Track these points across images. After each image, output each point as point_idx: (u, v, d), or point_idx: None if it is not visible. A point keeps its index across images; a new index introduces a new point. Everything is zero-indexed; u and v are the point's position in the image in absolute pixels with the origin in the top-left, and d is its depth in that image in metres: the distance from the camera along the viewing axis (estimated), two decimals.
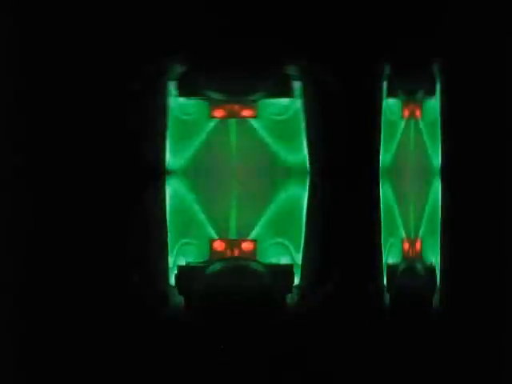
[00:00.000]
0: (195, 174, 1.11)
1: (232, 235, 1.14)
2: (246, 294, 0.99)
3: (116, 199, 0.92)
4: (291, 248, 1.14)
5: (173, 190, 1.11)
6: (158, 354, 0.98)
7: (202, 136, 1.09)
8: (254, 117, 1.09)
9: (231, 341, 0.98)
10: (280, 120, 1.09)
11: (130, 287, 0.95)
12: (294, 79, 1.06)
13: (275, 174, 1.11)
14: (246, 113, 1.09)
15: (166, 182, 1.09)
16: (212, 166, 1.09)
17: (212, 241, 1.13)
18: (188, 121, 1.09)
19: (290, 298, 1.08)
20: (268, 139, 1.09)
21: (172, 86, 1.06)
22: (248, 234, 1.14)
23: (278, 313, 1.02)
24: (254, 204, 1.13)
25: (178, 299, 1.07)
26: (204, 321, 1.01)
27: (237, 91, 1.06)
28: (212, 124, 1.09)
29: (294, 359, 0.99)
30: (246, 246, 1.13)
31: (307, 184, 1.09)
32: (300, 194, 1.11)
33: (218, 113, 1.09)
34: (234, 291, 1.00)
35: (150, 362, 0.98)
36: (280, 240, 1.15)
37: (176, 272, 1.06)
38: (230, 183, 1.11)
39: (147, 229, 1.07)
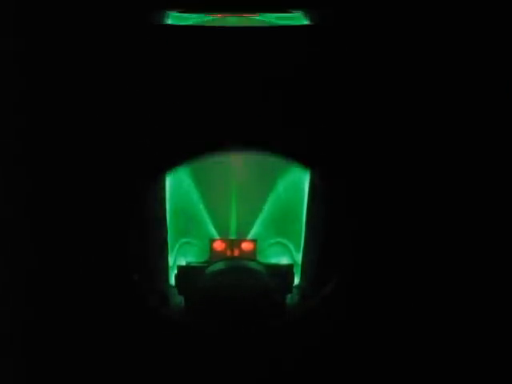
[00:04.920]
0: (195, 173, 1.11)
1: (232, 235, 1.14)
2: (246, 294, 0.99)
3: (116, 198, 0.92)
4: (291, 248, 1.15)
5: (173, 189, 1.11)
6: (157, 353, 0.98)
7: None
8: None
9: (231, 341, 0.98)
10: None
11: (130, 287, 0.95)
12: None
13: (275, 173, 1.11)
14: None
15: (166, 182, 1.09)
16: (212, 165, 1.09)
17: (212, 241, 1.14)
18: None
19: (290, 298, 1.08)
20: None
21: None
22: (248, 234, 1.14)
23: (277, 313, 1.02)
24: (254, 204, 1.13)
25: (178, 299, 1.07)
26: (204, 321, 1.01)
27: None
28: None
29: (294, 359, 0.99)
30: (246, 245, 1.13)
31: (307, 184, 1.09)
32: (300, 194, 1.11)
33: None
34: (234, 291, 1.00)
35: (150, 361, 0.98)
36: (280, 240, 1.15)
37: (176, 272, 1.06)
38: (230, 183, 1.11)
39: (147, 228, 1.07)
